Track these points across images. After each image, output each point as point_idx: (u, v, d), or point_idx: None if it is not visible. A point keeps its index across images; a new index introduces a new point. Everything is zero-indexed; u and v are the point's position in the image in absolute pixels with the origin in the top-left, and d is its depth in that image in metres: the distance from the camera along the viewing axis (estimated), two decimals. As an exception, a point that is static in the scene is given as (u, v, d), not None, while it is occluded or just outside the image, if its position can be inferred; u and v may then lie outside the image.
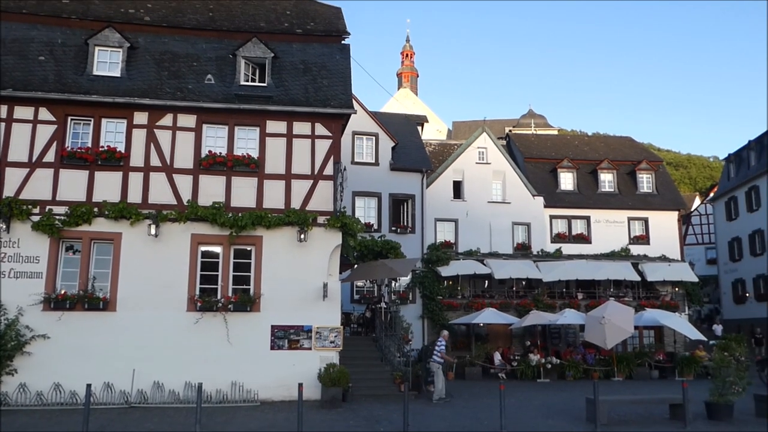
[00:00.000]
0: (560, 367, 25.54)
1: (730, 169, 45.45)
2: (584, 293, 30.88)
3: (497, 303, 28.97)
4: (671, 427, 13.41)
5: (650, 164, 34.55)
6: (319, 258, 17.46)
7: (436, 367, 17.94)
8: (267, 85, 18.33)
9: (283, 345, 16.98)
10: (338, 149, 18.31)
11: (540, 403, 17.50)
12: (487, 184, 31.48)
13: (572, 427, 13.27)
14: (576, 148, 36.75)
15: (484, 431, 12.70)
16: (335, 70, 19.19)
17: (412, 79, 78.25)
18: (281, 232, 17.35)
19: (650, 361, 27.04)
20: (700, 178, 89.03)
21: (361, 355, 19.87)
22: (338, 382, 16.13)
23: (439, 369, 17.93)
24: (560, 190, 33.17)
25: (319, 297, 17.25)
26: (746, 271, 41.22)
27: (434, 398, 17.49)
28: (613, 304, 24.02)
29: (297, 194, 17.67)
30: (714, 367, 15.18)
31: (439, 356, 18.04)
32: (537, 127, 59.59)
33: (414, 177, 29.50)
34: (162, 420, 13.75)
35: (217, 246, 17.27)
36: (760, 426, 13.43)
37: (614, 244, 32.17)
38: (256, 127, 17.98)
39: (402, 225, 29.18)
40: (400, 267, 20.27)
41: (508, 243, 30.97)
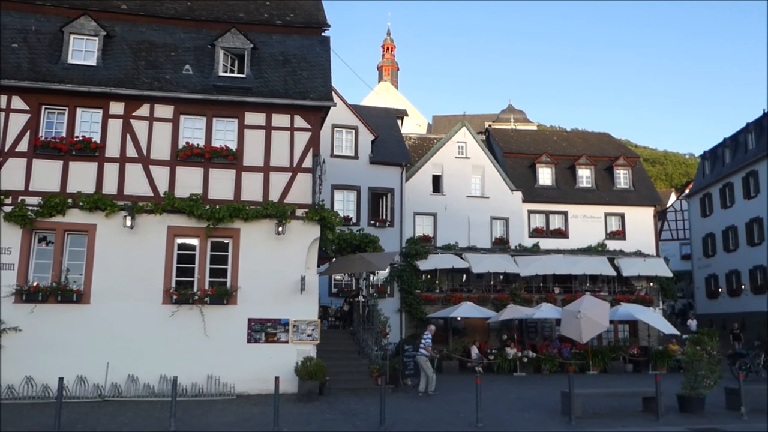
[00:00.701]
0: (536, 361, 25.78)
1: (705, 166, 46.09)
2: (561, 288, 31.15)
3: (475, 297, 29.13)
4: (644, 419, 13.58)
5: (627, 160, 34.88)
6: (297, 251, 17.38)
7: (423, 360, 18.00)
8: (246, 77, 18.16)
9: (260, 338, 16.90)
10: (317, 142, 18.24)
11: (516, 396, 17.63)
12: (466, 178, 31.56)
13: (547, 420, 13.38)
14: (554, 144, 36.99)
15: (460, 424, 12.74)
16: (315, 62, 19.07)
17: (393, 73, 78.17)
18: (259, 224, 17.24)
19: (625, 355, 27.40)
20: (676, 174, 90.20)
21: (338, 348, 19.85)
22: (315, 376, 16.09)
23: (426, 362, 18.01)
24: (538, 185, 33.37)
25: (296, 290, 17.19)
26: (719, 266, 41.89)
27: (431, 390, 17.53)
28: (588, 299, 24.23)
29: (275, 187, 17.56)
30: (686, 361, 15.38)
31: (425, 349, 18.12)
32: (516, 122, 59.91)
33: (393, 171, 29.49)
34: (136, 414, 13.61)
35: (194, 238, 17.11)
36: (730, 418, 13.65)
37: (591, 240, 32.47)
38: (234, 119, 17.82)
39: (381, 219, 29.18)
40: (378, 261, 20.26)
41: (487, 237, 31.12)
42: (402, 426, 12.44)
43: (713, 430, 12.64)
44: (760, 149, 37.29)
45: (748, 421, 13.36)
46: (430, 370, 17.87)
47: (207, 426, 12.27)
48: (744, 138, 40.22)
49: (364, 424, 12.55)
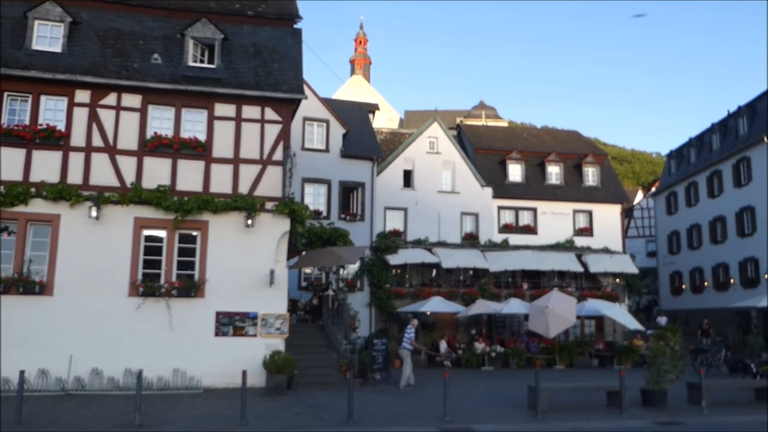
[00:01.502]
0: (504, 356, 25.99)
1: (671, 165, 46.93)
2: (529, 283, 31.44)
3: (444, 292, 29.25)
4: (608, 413, 13.78)
5: (596, 158, 35.29)
6: (266, 244, 17.26)
7: (406, 354, 18.11)
8: (216, 67, 17.93)
9: (227, 332, 16.75)
10: (288, 135, 18.09)
11: (484, 390, 17.76)
12: (437, 173, 31.63)
13: (514, 414, 13.50)
14: (525, 141, 37.25)
15: (428, 418, 12.78)
16: (286, 55, 18.91)
17: (365, 67, 77.95)
18: (228, 217, 17.07)
19: (590, 349, 27.79)
20: (643, 173, 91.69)
21: (307, 342, 19.77)
22: (283, 370, 16.02)
23: (409, 356, 18.12)
24: (508, 181, 33.59)
25: (265, 283, 17.07)
26: (683, 263, 42.73)
27: (402, 384, 17.65)
28: (556, 294, 24.54)
29: (245, 179, 17.40)
30: (650, 356, 15.65)
31: (409, 343, 18.19)
32: (488, 118, 60.25)
33: (364, 165, 29.42)
34: (100, 408, 13.39)
35: (162, 230, 16.87)
36: (691, 412, 13.93)
37: (559, 236, 32.82)
38: (204, 110, 17.59)
39: (351, 213, 29.11)
40: (348, 255, 20.21)
41: (457, 232, 31.24)
42: (370, 420, 12.44)
43: (674, 423, 12.89)
44: (725, 149, 38.08)
45: (709, 415, 13.65)
46: (410, 364, 18.00)
47: (173, 420, 12.13)
48: (709, 138, 41.03)
49: (332, 418, 12.52)
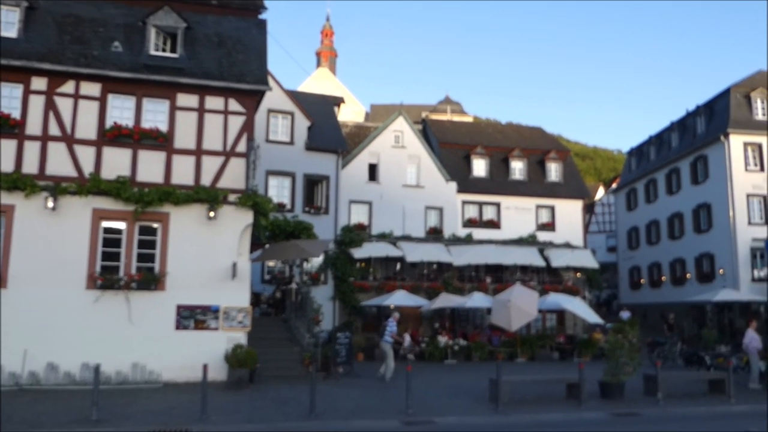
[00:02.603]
0: (467, 349, 26.20)
1: (632, 162, 47.83)
2: (492, 277, 31.73)
3: (408, 285, 29.36)
4: (567, 405, 14.00)
5: (559, 154, 35.73)
6: (229, 237, 17.07)
7: (387, 347, 18.22)
8: (179, 57, 17.61)
9: (188, 325, 16.54)
10: (252, 126, 17.90)
11: (446, 383, 17.88)
12: (402, 167, 31.66)
13: (476, 407, 13.62)
14: (489, 136, 37.51)
15: (391, 411, 12.81)
16: (251, 45, 18.69)
17: (331, 60, 77.41)
18: (190, 209, 16.83)
19: (551, 343, 28.20)
20: (605, 169, 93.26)
21: (270, 335, 19.64)
22: (245, 363, 15.89)
23: (390, 349, 18.25)
24: (473, 176, 33.79)
25: (227, 276, 16.90)
26: (642, 258, 43.64)
27: (387, 377, 17.78)
28: (518, 288, 24.85)
29: (207, 171, 17.17)
30: (609, 349, 15.95)
31: (390, 336, 18.31)
32: (453, 113, 60.55)
33: (329, 158, 29.29)
34: (55, 403, 13.09)
35: (121, 222, 16.55)
36: (647, 404, 14.24)
37: (522, 231, 33.16)
38: (165, 100, 17.28)
39: (316, 206, 28.97)
40: (312, 248, 20.12)
41: (421, 227, 31.34)
42: (332, 413, 12.42)
43: (631, 414, 13.17)
44: (683, 147, 38.95)
45: (664, 406, 13.98)
46: (391, 356, 18.16)
47: (131, 415, 11.92)
48: (668, 136, 41.90)
49: (294, 412, 12.46)
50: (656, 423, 12.42)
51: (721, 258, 34.16)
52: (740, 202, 33.41)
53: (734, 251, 33.01)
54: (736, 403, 14.59)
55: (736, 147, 33.94)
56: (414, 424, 11.71)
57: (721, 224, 34.20)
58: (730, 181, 33.62)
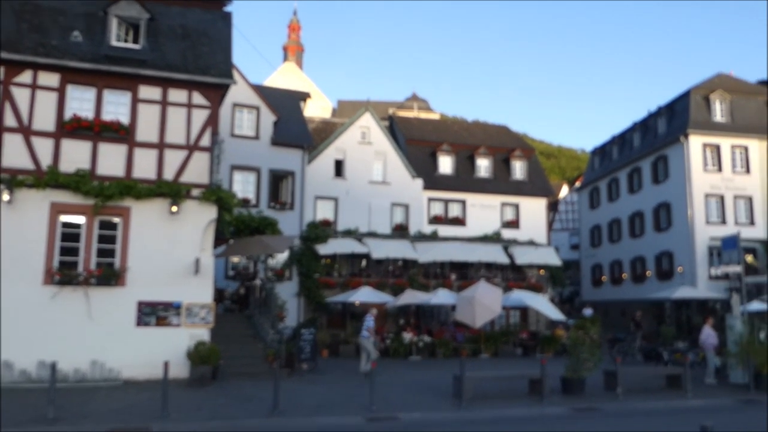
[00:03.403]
0: (431, 346, 26.32)
1: (595, 161, 48.58)
2: (457, 274, 31.90)
3: (374, 282, 29.35)
4: (530, 400, 14.16)
5: (524, 153, 36.07)
6: (192, 232, 16.83)
7: (366, 342, 18.37)
8: (141, 48, 17.26)
9: (150, 321, 16.26)
10: (216, 120, 17.66)
11: (410, 380, 17.93)
12: (369, 164, 31.62)
13: (439, 403, 13.67)
14: (455, 134, 37.69)
15: (354, 408, 12.79)
16: (216, 38, 18.43)
17: (298, 54, 77.03)
18: (152, 203, 16.53)
19: (515, 339, 28.51)
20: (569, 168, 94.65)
21: (233, 332, 19.42)
22: (208, 360, 15.70)
23: (369, 343, 18.39)
24: (439, 173, 33.92)
25: (190, 272, 16.66)
26: (604, 256, 44.37)
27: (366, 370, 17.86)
28: (483, 285, 25.03)
29: (170, 165, 16.88)
30: (570, 345, 16.17)
31: (367, 331, 18.44)
32: (420, 110, 60.71)
33: (295, 153, 29.09)
34: (11, 401, 12.72)
35: (80, 216, 16.16)
36: (607, 398, 14.48)
37: (487, 228, 33.39)
38: (127, 92, 16.92)
39: (281, 201, 28.75)
40: (276, 244, 19.95)
41: (387, 223, 31.35)
42: (296, 410, 12.34)
43: (591, 409, 13.37)
44: (645, 147, 39.69)
45: (623, 401, 14.24)
46: (373, 351, 18.38)
47: (89, 413, 11.67)
48: (630, 136, 42.66)
49: (257, 409, 12.35)
50: (615, 417, 12.63)
51: (680, 256, 34.93)
52: (699, 201, 34.21)
53: (692, 249, 33.79)
54: (692, 397, 14.93)
55: (695, 148, 34.73)
56: (378, 421, 11.70)
57: (681, 223, 34.97)
58: (689, 181, 34.39)
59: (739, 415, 12.96)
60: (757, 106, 36.93)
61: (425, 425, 11.59)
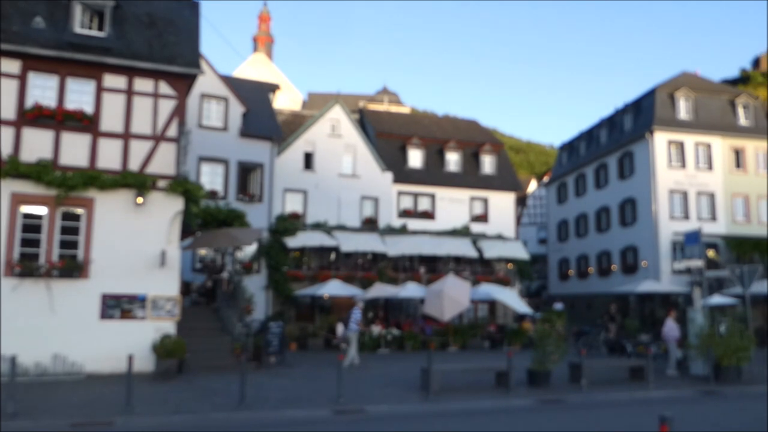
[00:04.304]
0: (400, 339, 26.40)
1: (563, 156, 49.13)
2: (426, 267, 32.01)
3: (342, 275, 29.30)
4: (496, 393, 14.28)
5: (493, 147, 36.29)
6: (158, 224, 16.60)
7: (352, 336, 18.60)
8: (106, 36, 16.92)
9: (114, 314, 16.01)
10: (183, 111, 17.42)
11: (378, 373, 17.95)
12: (338, 157, 31.50)
13: (407, 396, 13.71)
14: (425, 128, 37.74)
15: (321, 401, 12.76)
16: (183, 28, 18.17)
17: (268, 45, 76.20)
18: (117, 194, 16.25)
19: (483, 332, 28.74)
20: (538, 163, 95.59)
21: (200, 325, 19.25)
22: (174, 353, 15.53)
23: (355, 337, 18.63)
24: (408, 167, 33.95)
25: (156, 265, 16.44)
26: (571, 250, 44.96)
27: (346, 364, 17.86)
28: (451, 279, 25.15)
29: (136, 155, 16.61)
30: (537, 338, 16.35)
31: (356, 324, 18.74)
32: (390, 104, 60.68)
33: (264, 145, 28.83)
34: (-32, 396, 12.41)
35: (42, 207, 15.82)
36: (572, 390, 14.68)
37: (456, 222, 33.56)
38: (91, 80, 16.59)
39: (249, 194, 28.49)
40: (244, 236, 19.79)
41: (356, 216, 31.31)
42: (262, 403, 12.26)
43: (556, 401, 13.54)
44: (611, 143, 40.27)
45: (587, 393, 14.44)
46: (355, 345, 18.64)
47: (51, 408, 11.43)
48: (597, 132, 43.24)
49: (223, 402, 12.24)
50: (579, 409, 12.81)
51: (645, 251, 35.57)
52: (663, 197, 34.85)
53: (656, 244, 34.44)
54: (654, 389, 15.21)
55: (660, 144, 35.35)
56: (345, 414, 11.69)
57: (645, 218, 35.60)
58: (654, 177, 35.00)
59: (699, 406, 13.25)
60: (721, 104, 37.73)
61: (392, 418, 11.61)
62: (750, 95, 39.71)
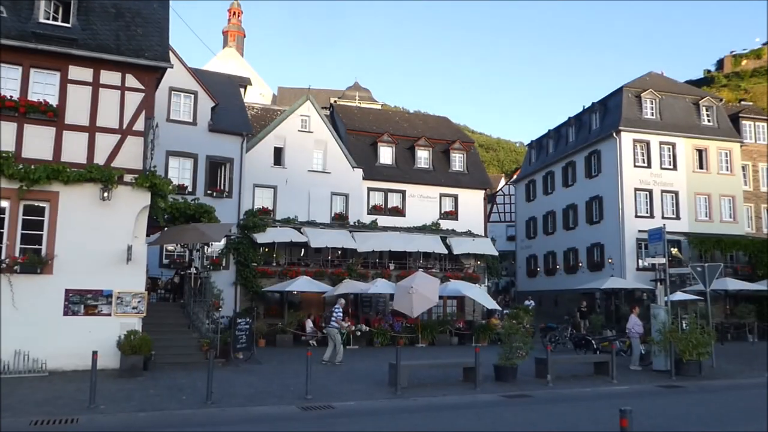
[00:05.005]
0: (369, 335, 26.44)
1: (532, 154, 49.62)
2: (396, 264, 32.11)
3: (312, 271, 29.24)
4: (463, 388, 14.42)
5: (463, 145, 36.50)
6: (124, 219, 16.35)
7: (333, 332, 18.63)
8: (72, 26, 16.61)
9: (78, 310, 15.75)
10: (151, 104, 17.17)
11: (347, 369, 17.96)
12: (309, 152, 31.38)
13: (375, 391, 13.77)
14: (396, 124, 37.81)
15: (289, 397, 12.74)
16: (151, 19, 17.91)
17: (239, 39, 75.59)
18: (82, 188, 15.96)
19: (451, 328, 28.92)
20: (507, 161, 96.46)
21: (167, 321, 19.07)
22: (139, 350, 15.33)
23: (337, 334, 18.62)
24: (379, 163, 33.97)
25: (122, 260, 16.20)
26: (539, 247, 45.49)
27: (337, 361, 18.43)
28: (421, 275, 25.29)
29: (102, 149, 16.33)
30: (504, 334, 16.54)
31: (336, 322, 18.83)
32: (361, 100, 60.59)
33: (234, 140, 28.59)
34: (-74, 393, 12.12)
35: (3, 200, 15.45)
36: (538, 385, 14.89)
37: (426, 218, 33.69)
38: (56, 72, 16.26)
39: (219, 189, 28.24)
40: (212, 232, 19.62)
41: (326, 212, 31.24)
42: (230, 400, 12.20)
43: (522, 395, 13.72)
44: (579, 142, 40.82)
45: (553, 388, 14.67)
46: (339, 341, 18.66)
47: (11, 405, 11.21)
48: (565, 131, 43.78)
49: (189, 399, 12.14)
50: (545, 403, 12.99)
51: (611, 248, 36.16)
52: (628, 195, 35.47)
53: (622, 242, 35.04)
54: (618, 383, 15.53)
55: (627, 143, 35.95)
56: (312, 410, 11.68)
57: (611, 216, 36.18)
58: (620, 176, 35.59)
59: (660, 400, 13.53)
60: (685, 105, 38.50)
61: (360, 413, 11.64)
62: (713, 97, 40.61)
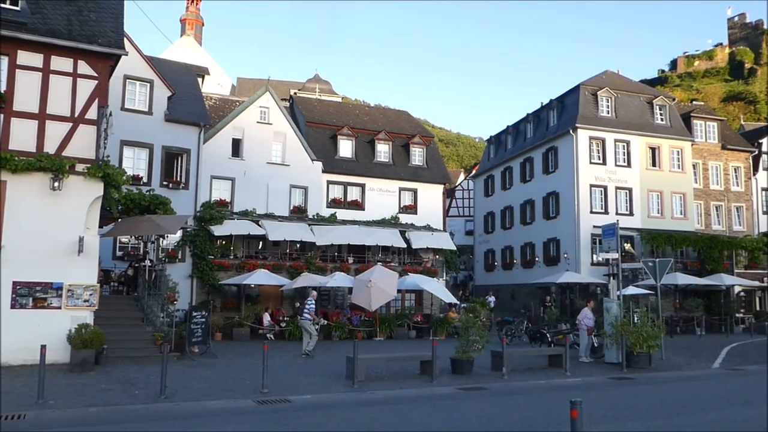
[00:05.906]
0: (327, 328, 26.37)
1: (491, 150, 50.09)
2: (355, 257, 32.09)
3: (270, 264, 29.02)
4: (420, 381, 14.51)
5: (423, 139, 36.62)
6: (75, 209, 15.93)
7: (307, 324, 19.23)
8: (21, 10, 16.07)
9: (26, 303, 15.30)
10: (105, 92, 16.75)
11: (304, 362, 17.91)
12: (268, 144, 31.07)
13: (332, 384, 13.75)
14: (356, 117, 37.72)
15: (245, 391, 12.62)
16: (105, 5, 17.47)
17: (197, 28, 74.26)
18: (30, 178, 15.49)
19: (409, 322, 29.05)
20: (467, 156, 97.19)
21: (120, 315, 18.69)
22: (91, 344, 14.98)
23: (311, 325, 19.27)
24: (339, 156, 33.85)
25: (73, 252, 15.79)
26: (497, 242, 46.02)
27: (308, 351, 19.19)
28: (379, 269, 25.33)
29: (52, 137, 15.87)
30: (461, 327, 16.69)
31: (309, 314, 19.43)
32: (322, 92, 60.19)
33: (191, 130, 28.10)
34: None
35: (-52, 189, 14.91)
36: (493, 378, 15.08)
37: (386, 212, 33.74)
38: (4, 57, 15.73)
39: (175, 180, 27.74)
40: (168, 223, 19.26)
41: (285, 205, 31.01)
42: (184, 394, 12.02)
43: (477, 388, 13.87)
44: (537, 138, 41.37)
45: (508, 380, 14.88)
46: (314, 331, 19.37)
47: (-46, 401, 10.84)
48: (524, 127, 44.31)
49: (142, 394, 11.93)
50: (500, 396, 13.16)
51: (566, 243, 36.81)
52: (584, 191, 36.14)
53: (577, 237, 35.70)
54: (570, 375, 15.83)
55: (583, 140, 36.60)
56: (268, 404, 11.60)
57: (567, 212, 36.82)
58: (576, 172, 36.23)
59: (611, 391, 13.85)
60: (639, 103, 39.37)
61: (316, 407, 11.60)
62: (666, 96, 41.62)
